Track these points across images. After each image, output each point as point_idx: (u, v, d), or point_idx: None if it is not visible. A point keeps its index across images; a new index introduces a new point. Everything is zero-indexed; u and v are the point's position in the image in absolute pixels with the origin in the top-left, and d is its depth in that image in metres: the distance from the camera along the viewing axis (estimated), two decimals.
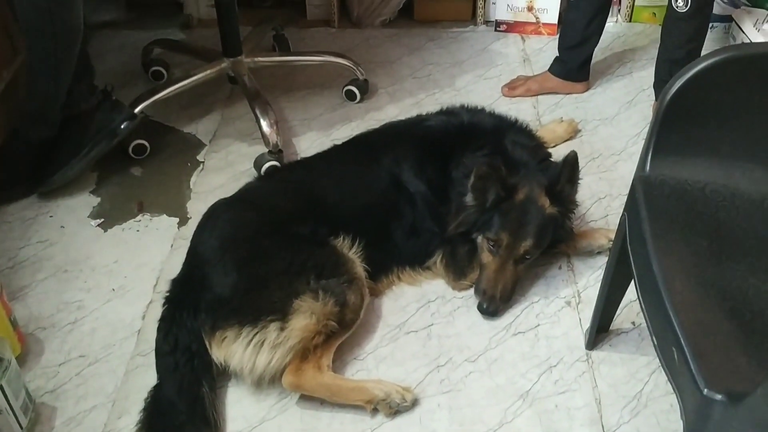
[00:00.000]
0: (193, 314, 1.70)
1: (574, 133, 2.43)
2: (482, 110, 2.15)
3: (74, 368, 1.76)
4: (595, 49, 2.61)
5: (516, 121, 2.09)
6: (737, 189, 1.31)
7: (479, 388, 1.70)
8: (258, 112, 2.30)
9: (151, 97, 2.35)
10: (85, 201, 2.24)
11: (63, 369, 1.75)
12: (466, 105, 2.17)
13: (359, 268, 1.82)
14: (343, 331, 1.72)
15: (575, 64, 2.61)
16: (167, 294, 1.80)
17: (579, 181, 1.89)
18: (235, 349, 1.64)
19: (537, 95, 2.67)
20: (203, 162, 2.39)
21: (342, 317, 1.70)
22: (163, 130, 2.52)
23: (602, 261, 1.99)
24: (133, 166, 2.37)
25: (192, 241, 1.89)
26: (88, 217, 2.19)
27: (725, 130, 1.34)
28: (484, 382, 1.71)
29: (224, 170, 2.35)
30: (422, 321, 1.86)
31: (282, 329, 1.63)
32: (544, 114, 2.59)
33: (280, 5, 3.19)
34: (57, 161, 2.17)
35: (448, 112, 2.13)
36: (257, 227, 1.82)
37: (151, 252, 2.06)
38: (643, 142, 2.39)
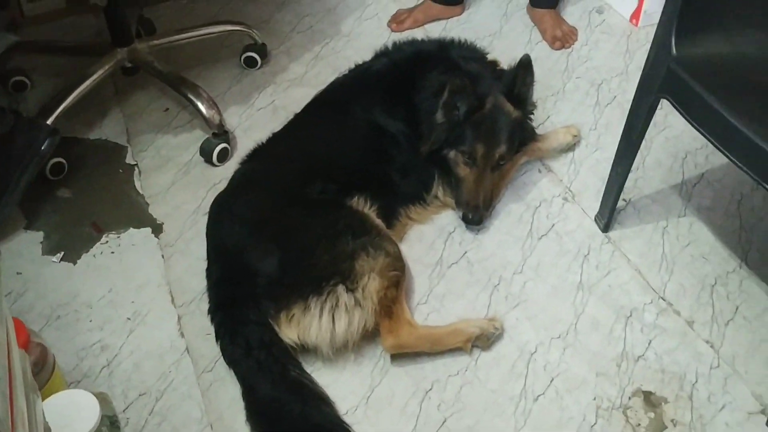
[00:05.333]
0: (252, 306, 1.61)
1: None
2: (415, 39, 2.20)
3: (143, 409, 1.59)
4: None
5: (454, 39, 2.16)
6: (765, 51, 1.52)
7: (541, 293, 1.81)
8: (191, 96, 2.13)
9: (60, 106, 2.07)
10: (26, 239, 1.95)
11: (131, 413, 1.57)
12: (396, 41, 2.20)
13: (378, 220, 1.82)
14: (403, 279, 1.73)
15: None
16: (212, 302, 1.68)
17: (534, 83, 2.00)
18: (308, 323, 1.59)
19: (424, 24, 2.75)
20: (136, 164, 2.17)
21: (396, 266, 1.71)
22: (68, 143, 2.22)
23: (570, 156, 2.19)
24: (57, 188, 2.09)
25: (211, 241, 1.77)
26: (43, 255, 1.91)
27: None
28: (541, 288, 1.83)
29: (166, 166, 2.16)
30: (455, 252, 1.92)
31: (350, 290, 1.61)
32: None
33: None
34: None
35: (386, 52, 2.15)
36: (275, 202, 1.75)
37: (145, 269, 1.87)
38: (534, 46, 2.61)
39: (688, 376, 1.63)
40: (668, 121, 2.26)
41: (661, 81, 1.60)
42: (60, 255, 1.91)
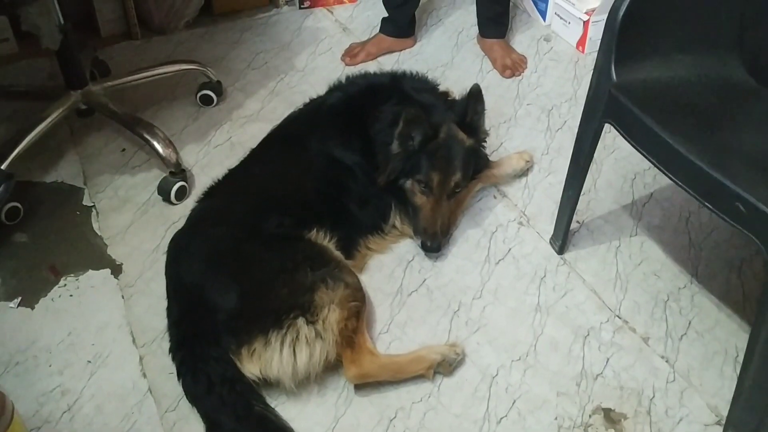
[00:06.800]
0: (213, 342, 1.61)
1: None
2: (368, 72, 2.25)
3: None
4: None
5: (406, 71, 2.21)
6: (699, 75, 1.59)
7: (500, 317, 1.85)
8: (147, 136, 2.14)
9: (14, 151, 2.06)
10: None
11: None
12: (349, 75, 2.24)
13: (337, 252, 1.84)
14: (363, 309, 1.74)
15: (405, 22, 2.79)
16: (173, 340, 1.68)
17: (485, 111, 2.05)
18: (269, 357, 1.59)
19: (377, 57, 2.80)
20: (93, 206, 2.17)
21: (356, 296, 1.72)
22: (24, 187, 2.21)
23: (524, 181, 2.24)
24: (13, 233, 2.07)
25: (171, 279, 1.77)
26: (0, 301, 1.89)
27: (672, 29, 1.61)
28: (500, 311, 1.86)
29: (123, 207, 2.16)
30: (415, 280, 1.94)
31: (311, 322, 1.61)
32: None
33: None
34: None
35: (339, 86, 2.18)
36: (232, 238, 1.76)
37: (105, 310, 1.86)
38: (485, 75, 2.68)
39: (645, 392, 1.67)
40: (617, 144, 2.33)
41: (603, 106, 1.65)
42: (17, 300, 1.89)
